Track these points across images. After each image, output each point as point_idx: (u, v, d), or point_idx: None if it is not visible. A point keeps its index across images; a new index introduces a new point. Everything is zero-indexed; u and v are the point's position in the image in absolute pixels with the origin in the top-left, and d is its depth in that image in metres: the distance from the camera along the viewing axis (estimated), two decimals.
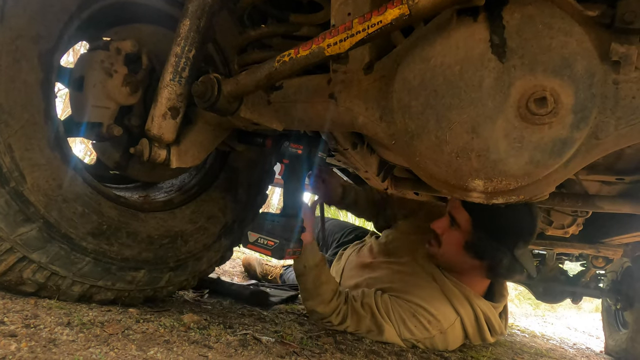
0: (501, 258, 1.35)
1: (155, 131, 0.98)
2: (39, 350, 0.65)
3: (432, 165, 0.78)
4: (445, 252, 1.44)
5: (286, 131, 1.10)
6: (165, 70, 0.97)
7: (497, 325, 1.46)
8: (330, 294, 1.33)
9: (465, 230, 1.38)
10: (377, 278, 1.56)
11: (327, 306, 1.33)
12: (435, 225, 1.46)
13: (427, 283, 1.47)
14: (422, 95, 0.76)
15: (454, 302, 1.42)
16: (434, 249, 1.48)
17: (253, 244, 1.15)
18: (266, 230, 1.14)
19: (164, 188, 1.24)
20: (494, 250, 1.35)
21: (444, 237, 1.44)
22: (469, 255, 1.39)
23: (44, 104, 0.88)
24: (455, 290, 1.43)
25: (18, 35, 0.83)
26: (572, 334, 4.24)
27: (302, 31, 0.99)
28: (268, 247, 1.13)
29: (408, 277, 1.50)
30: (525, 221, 1.34)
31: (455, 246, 1.41)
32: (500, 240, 1.35)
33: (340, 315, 1.35)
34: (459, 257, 1.42)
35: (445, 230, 1.43)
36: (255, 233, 1.15)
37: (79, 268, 0.93)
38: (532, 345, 2.65)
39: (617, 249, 2.41)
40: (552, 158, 0.69)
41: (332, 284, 1.35)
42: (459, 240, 1.40)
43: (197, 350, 0.83)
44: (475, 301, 1.43)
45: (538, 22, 0.67)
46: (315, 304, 1.33)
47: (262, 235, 1.14)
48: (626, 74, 0.65)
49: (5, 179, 0.82)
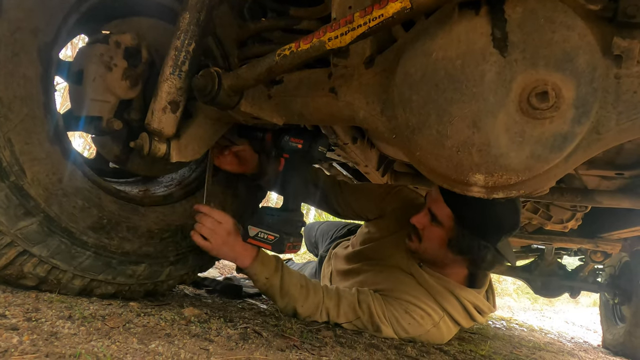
0: (485, 253, 1.33)
1: (155, 125, 0.97)
2: (40, 343, 0.65)
3: (433, 159, 0.78)
4: (427, 247, 1.41)
5: (286, 125, 1.10)
6: (165, 63, 0.96)
7: (486, 307, 1.46)
8: (303, 292, 1.30)
9: (448, 227, 1.34)
10: (362, 282, 1.54)
11: (305, 303, 1.29)
12: (415, 220, 1.41)
13: (410, 281, 1.46)
14: (423, 89, 0.75)
15: (438, 298, 1.41)
16: (414, 244, 1.44)
17: (253, 238, 1.15)
18: (266, 224, 1.14)
19: (164, 182, 1.24)
20: (477, 246, 1.32)
21: (425, 233, 1.40)
22: (451, 252, 1.37)
23: (43, 97, 0.87)
24: (439, 287, 1.42)
25: (17, 28, 0.82)
26: (570, 328, 4.27)
27: (303, 25, 0.99)
28: (268, 241, 1.12)
29: (392, 276, 1.49)
30: (508, 215, 1.31)
31: (437, 242, 1.37)
32: (484, 236, 1.32)
33: (325, 313, 1.32)
34: (441, 253, 1.39)
35: (425, 226, 1.39)
36: (256, 227, 1.15)
37: (80, 262, 0.93)
38: (530, 339, 2.67)
39: (616, 243, 2.43)
40: (553, 153, 0.69)
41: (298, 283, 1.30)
42: (441, 236, 1.36)
43: (198, 343, 0.84)
44: (459, 293, 1.42)
45: (540, 16, 0.67)
46: (294, 308, 1.30)
47: (263, 230, 1.13)
48: (628, 69, 0.65)
49: (5, 173, 0.82)
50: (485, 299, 1.50)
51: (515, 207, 1.33)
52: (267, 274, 1.25)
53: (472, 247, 1.33)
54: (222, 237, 1.14)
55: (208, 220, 1.14)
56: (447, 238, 1.35)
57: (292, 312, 1.31)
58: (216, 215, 1.14)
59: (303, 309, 1.30)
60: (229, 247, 1.16)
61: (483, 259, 1.34)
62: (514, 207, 1.32)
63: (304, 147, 1.13)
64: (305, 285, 1.32)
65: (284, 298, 1.28)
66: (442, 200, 1.33)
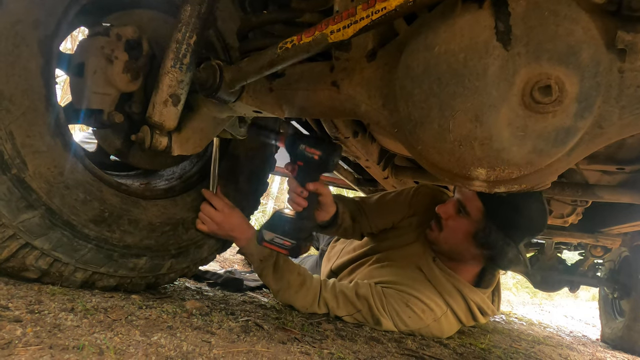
0: (507, 251, 1.34)
1: (157, 118, 0.97)
2: (44, 335, 0.66)
3: (435, 153, 0.78)
4: (448, 237, 1.42)
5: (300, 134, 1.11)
6: (166, 56, 0.96)
7: (489, 309, 1.47)
8: (299, 279, 1.30)
9: (476, 220, 1.35)
10: (366, 274, 1.55)
11: (301, 291, 1.30)
12: (442, 209, 1.43)
13: (417, 276, 1.46)
14: (426, 83, 0.75)
15: (444, 294, 1.42)
16: (434, 233, 1.45)
17: (269, 243, 1.18)
18: (282, 230, 1.17)
19: (165, 176, 1.24)
20: (501, 242, 1.33)
21: (448, 223, 1.41)
22: (474, 244, 1.38)
23: (44, 90, 0.87)
24: (447, 284, 1.42)
25: (17, 20, 0.82)
26: (569, 322, 4.29)
27: (305, 18, 0.98)
28: (285, 246, 1.16)
29: (397, 269, 1.49)
30: (538, 217, 1.33)
31: (462, 234, 1.39)
32: (510, 233, 1.33)
33: (323, 304, 1.33)
34: (463, 244, 1.40)
35: (450, 216, 1.41)
36: (271, 232, 1.18)
37: (82, 255, 0.94)
38: (530, 332, 2.68)
39: (616, 238, 2.43)
40: (556, 147, 0.69)
41: (295, 270, 1.32)
42: (466, 228, 1.37)
43: (200, 336, 0.84)
44: (466, 292, 1.43)
45: (544, 9, 0.66)
46: (289, 295, 1.30)
47: (278, 235, 1.17)
48: (632, 63, 0.65)
49: (7, 166, 0.82)
50: (490, 300, 1.51)
51: (545, 210, 1.35)
52: (261, 256, 1.29)
53: (497, 243, 1.34)
54: (218, 220, 1.20)
55: (206, 205, 1.21)
56: (474, 230, 1.36)
57: (287, 299, 1.32)
58: (214, 201, 1.21)
59: (299, 297, 1.30)
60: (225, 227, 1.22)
61: (504, 256, 1.35)
62: (544, 210, 1.34)
63: (321, 159, 1.15)
64: (302, 274, 1.33)
65: (278, 282, 1.29)
66: (475, 193, 1.35)
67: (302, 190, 1.21)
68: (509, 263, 1.39)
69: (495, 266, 1.47)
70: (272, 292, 1.33)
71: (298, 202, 1.22)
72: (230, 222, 1.22)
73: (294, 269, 1.32)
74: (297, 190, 1.21)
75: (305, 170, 1.19)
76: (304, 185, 1.19)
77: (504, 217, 1.31)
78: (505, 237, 1.33)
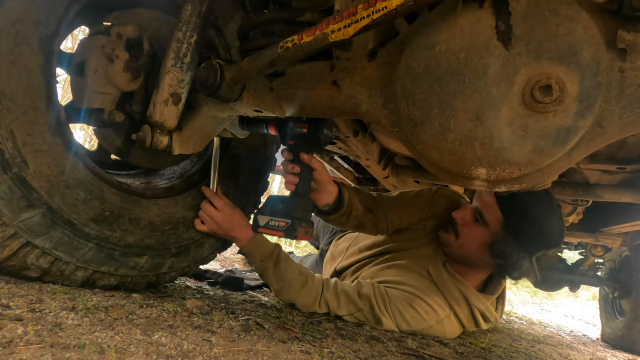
0: (522, 263, 1.33)
1: (157, 117, 0.97)
2: (45, 334, 0.66)
3: (435, 153, 0.78)
4: (464, 244, 1.41)
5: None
6: (166, 55, 0.96)
7: (492, 317, 1.47)
8: (300, 279, 1.30)
9: (494, 230, 1.34)
10: (371, 273, 1.55)
11: (302, 290, 1.29)
12: (458, 215, 1.42)
13: (422, 276, 1.46)
14: (426, 82, 0.75)
15: (448, 298, 1.41)
16: (449, 237, 1.44)
17: (264, 227, 1.15)
18: (276, 211, 1.14)
19: (166, 175, 1.24)
20: (517, 254, 1.32)
21: (465, 230, 1.40)
22: (488, 254, 1.37)
23: (45, 89, 0.87)
24: (452, 288, 1.42)
25: (18, 19, 0.82)
26: (569, 322, 4.29)
27: (305, 17, 0.98)
28: (279, 228, 1.12)
29: (403, 270, 1.49)
30: (556, 232, 1.32)
31: (477, 242, 1.38)
32: (527, 247, 1.32)
33: (324, 304, 1.33)
34: (477, 253, 1.39)
35: (467, 223, 1.40)
36: (265, 216, 1.15)
37: (82, 254, 0.94)
38: (530, 332, 2.68)
39: (616, 237, 2.43)
40: (556, 146, 0.69)
41: (296, 270, 1.31)
42: (483, 237, 1.36)
43: (200, 334, 0.84)
44: (471, 298, 1.43)
45: (544, 9, 0.66)
46: (290, 294, 1.30)
47: (273, 217, 1.13)
48: (632, 62, 0.65)
49: (8, 165, 0.82)
50: (494, 307, 1.51)
51: (563, 227, 1.34)
52: (261, 256, 1.28)
53: (512, 254, 1.33)
54: (218, 220, 1.19)
55: (206, 205, 1.20)
56: (490, 241, 1.35)
57: (288, 298, 1.31)
58: (214, 200, 1.20)
59: (300, 296, 1.30)
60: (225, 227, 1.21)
61: (518, 267, 1.35)
62: (562, 226, 1.33)
63: (309, 132, 1.12)
64: (304, 273, 1.32)
65: (279, 282, 1.29)
66: (495, 203, 1.34)
67: (293, 167, 1.17)
68: (522, 274, 1.38)
69: (505, 276, 1.47)
70: (274, 291, 1.33)
71: (289, 179, 1.18)
72: (231, 221, 1.22)
73: (296, 268, 1.31)
74: (288, 168, 1.17)
75: (297, 148, 1.16)
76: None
77: (524, 230, 1.30)
78: (522, 250, 1.32)
